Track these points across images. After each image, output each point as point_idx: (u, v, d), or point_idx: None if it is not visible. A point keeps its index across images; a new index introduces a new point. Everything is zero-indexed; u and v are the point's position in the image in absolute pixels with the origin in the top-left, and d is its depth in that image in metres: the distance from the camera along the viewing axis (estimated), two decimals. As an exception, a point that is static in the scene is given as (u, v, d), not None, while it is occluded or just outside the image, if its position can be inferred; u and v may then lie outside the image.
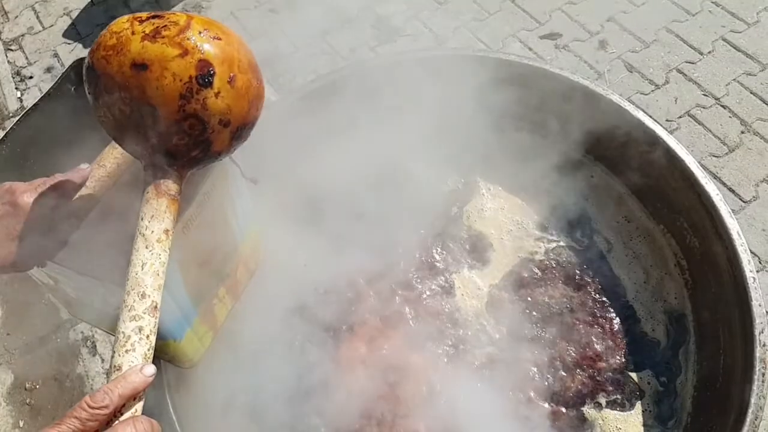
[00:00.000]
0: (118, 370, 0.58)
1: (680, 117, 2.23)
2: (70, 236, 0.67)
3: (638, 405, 1.14)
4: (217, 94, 0.60)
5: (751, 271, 1.08)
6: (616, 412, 1.13)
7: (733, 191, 2.03)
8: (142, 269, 0.60)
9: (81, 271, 0.65)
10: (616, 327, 1.22)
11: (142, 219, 0.61)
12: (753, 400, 0.94)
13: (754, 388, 0.95)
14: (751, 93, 2.28)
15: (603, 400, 1.14)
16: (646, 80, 2.33)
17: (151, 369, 0.59)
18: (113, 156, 0.70)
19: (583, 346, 1.19)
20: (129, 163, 0.71)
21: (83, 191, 0.69)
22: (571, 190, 1.42)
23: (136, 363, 0.58)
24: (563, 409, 1.13)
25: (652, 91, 2.31)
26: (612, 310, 1.24)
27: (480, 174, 1.45)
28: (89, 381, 1.72)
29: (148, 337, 0.59)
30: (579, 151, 1.45)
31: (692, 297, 1.25)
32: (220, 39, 0.60)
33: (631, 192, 1.38)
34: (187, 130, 0.60)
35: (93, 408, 0.55)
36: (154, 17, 0.59)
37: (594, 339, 1.20)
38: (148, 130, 0.59)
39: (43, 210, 0.65)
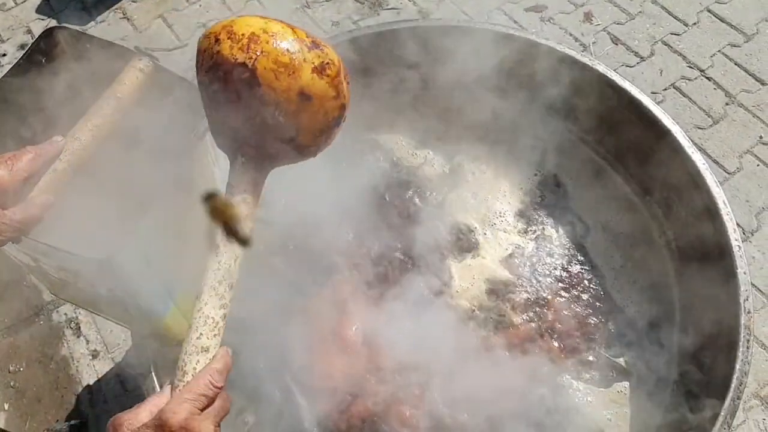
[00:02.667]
0: (205, 351, 0.64)
1: (665, 89, 2.23)
2: (44, 211, 0.65)
3: (616, 385, 1.15)
4: (338, 131, 0.69)
5: (736, 240, 1.08)
6: (592, 386, 1.14)
7: (717, 163, 2.04)
8: (235, 263, 0.65)
9: (58, 246, 0.63)
10: (599, 312, 1.22)
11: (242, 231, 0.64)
12: (738, 366, 0.95)
13: (739, 354, 0.96)
14: (735, 64, 2.28)
15: (586, 375, 1.15)
16: (631, 52, 2.32)
17: (230, 350, 0.67)
18: (88, 128, 0.67)
19: (566, 333, 1.19)
20: (104, 136, 0.68)
21: (57, 164, 0.66)
22: (556, 166, 1.40)
23: (218, 346, 0.65)
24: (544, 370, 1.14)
25: (638, 63, 2.30)
26: (593, 298, 1.24)
27: (465, 155, 1.43)
28: (74, 362, 1.70)
29: (225, 323, 0.65)
30: (566, 124, 1.44)
31: (678, 268, 1.25)
32: (349, 83, 0.67)
33: (618, 166, 1.37)
34: (307, 153, 0.67)
35: (217, 387, 0.64)
36: (315, 46, 0.63)
37: (577, 325, 1.20)
38: (275, 142, 0.62)
39: (14, 183, 0.63)
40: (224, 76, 0.61)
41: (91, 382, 1.68)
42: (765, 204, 1.97)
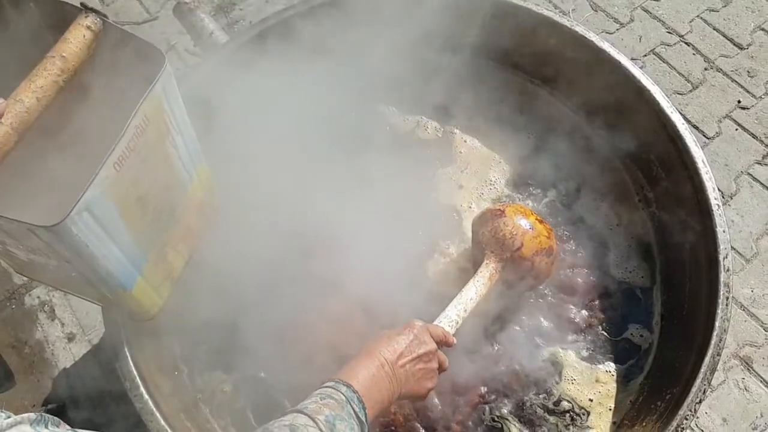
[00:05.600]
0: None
1: (645, 55, 2.21)
2: (-13, 177, 0.61)
3: (608, 363, 1.13)
4: (545, 261, 1.08)
5: (716, 199, 1.07)
6: (584, 362, 1.12)
7: (697, 128, 2.03)
8: (470, 301, 1.02)
9: (3, 214, 0.59)
10: (596, 280, 1.20)
11: (480, 285, 1.04)
12: (717, 324, 0.94)
13: (719, 311, 0.96)
14: (714, 29, 2.26)
15: (584, 352, 1.13)
16: (611, 19, 2.30)
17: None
18: (31, 90, 0.62)
19: (562, 308, 1.18)
20: (50, 98, 0.64)
21: (-2, 127, 0.62)
22: (546, 130, 1.37)
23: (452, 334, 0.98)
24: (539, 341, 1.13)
25: (617, 29, 2.27)
26: (589, 262, 1.22)
27: (457, 124, 1.39)
28: (49, 346, 1.66)
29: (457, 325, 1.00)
30: (546, 88, 1.41)
31: (658, 229, 1.25)
32: (557, 243, 1.14)
33: (600, 130, 1.35)
34: (523, 266, 1.07)
35: (446, 337, 0.94)
36: (549, 248, 1.09)
37: (573, 300, 1.18)
38: (507, 251, 1.06)
39: (-47, 148, 0.59)
40: (489, 214, 1.10)
41: (68, 366, 1.64)
42: (743, 168, 1.97)
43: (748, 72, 2.16)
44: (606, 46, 1.28)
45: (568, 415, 1.07)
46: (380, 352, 0.84)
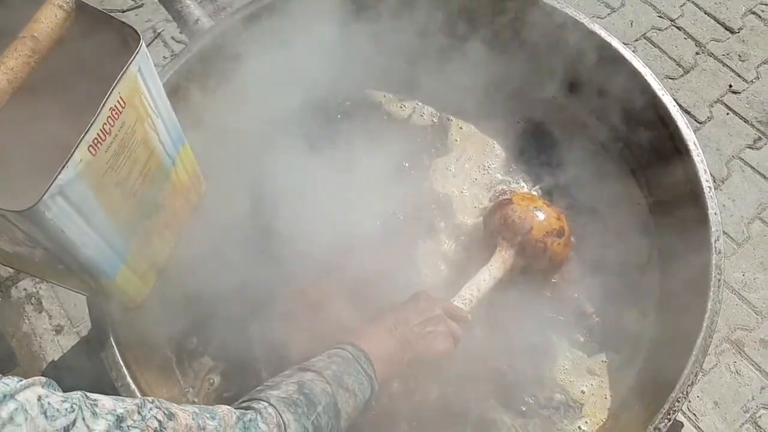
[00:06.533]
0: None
1: (636, 40, 2.20)
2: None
3: (602, 353, 1.11)
4: (556, 242, 1.09)
5: (707, 181, 1.06)
6: (577, 350, 1.11)
7: (688, 113, 2.02)
8: (483, 281, 1.04)
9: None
10: (591, 264, 1.18)
11: (494, 269, 1.06)
12: (709, 306, 0.94)
13: (710, 294, 0.95)
14: (705, 13, 2.25)
15: (580, 339, 1.12)
16: (602, 3, 2.28)
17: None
18: (2, 72, 0.60)
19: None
20: (21, 80, 0.61)
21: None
22: (536, 118, 1.35)
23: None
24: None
25: (609, 14, 2.26)
26: (584, 246, 1.20)
27: (453, 107, 1.37)
28: (37, 339, 1.64)
29: (472, 304, 1.03)
30: (542, 75, 1.39)
31: (652, 213, 1.24)
32: (569, 225, 1.14)
33: (593, 114, 1.34)
34: (534, 249, 1.08)
35: (458, 312, 0.98)
36: (561, 228, 1.10)
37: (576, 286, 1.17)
38: (518, 235, 1.08)
39: None
40: (498, 204, 1.14)
41: (56, 358, 1.62)
42: (735, 152, 1.97)
43: (739, 56, 2.15)
44: (596, 27, 1.26)
45: (561, 407, 1.06)
46: (386, 318, 0.89)
